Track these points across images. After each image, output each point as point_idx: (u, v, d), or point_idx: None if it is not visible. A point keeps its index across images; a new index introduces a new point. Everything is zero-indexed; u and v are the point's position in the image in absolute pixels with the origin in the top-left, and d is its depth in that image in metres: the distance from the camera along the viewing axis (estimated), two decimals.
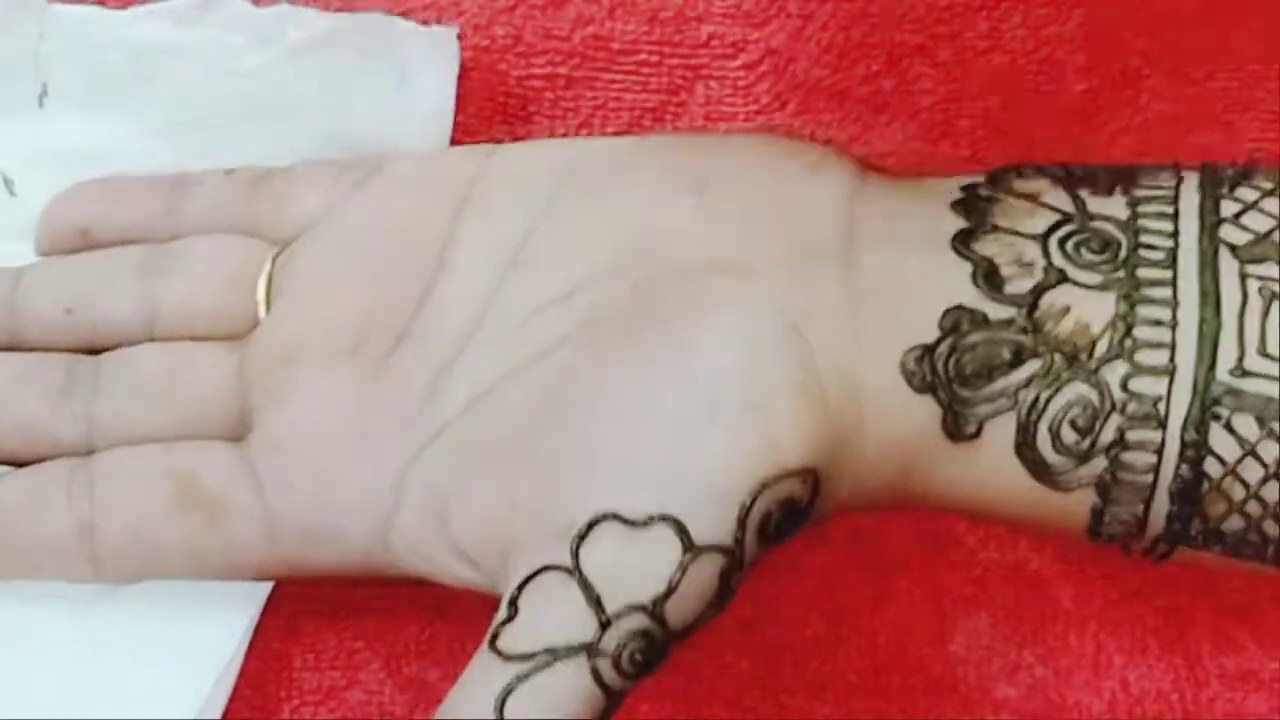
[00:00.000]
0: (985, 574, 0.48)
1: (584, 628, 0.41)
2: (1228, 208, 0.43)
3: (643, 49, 0.53)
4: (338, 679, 0.47)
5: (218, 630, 0.46)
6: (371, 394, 0.45)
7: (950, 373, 0.43)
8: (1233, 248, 0.42)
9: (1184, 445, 0.42)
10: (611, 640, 0.41)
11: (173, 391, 0.47)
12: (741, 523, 0.41)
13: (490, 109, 0.53)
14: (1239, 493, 0.42)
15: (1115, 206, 0.44)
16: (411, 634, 0.48)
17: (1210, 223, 0.43)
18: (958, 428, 0.43)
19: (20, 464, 0.47)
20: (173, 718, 0.45)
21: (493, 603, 0.42)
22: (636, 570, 0.41)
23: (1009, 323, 0.42)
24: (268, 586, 0.47)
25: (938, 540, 0.48)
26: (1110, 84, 0.53)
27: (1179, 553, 0.44)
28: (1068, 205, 0.44)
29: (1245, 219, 0.43)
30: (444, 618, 0.48)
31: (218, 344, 0.48)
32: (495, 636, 0.41)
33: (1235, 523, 0.42)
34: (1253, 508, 0.42)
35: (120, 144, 0.51)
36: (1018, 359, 0.42)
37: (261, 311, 0.48)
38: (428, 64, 0.51)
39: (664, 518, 0.41)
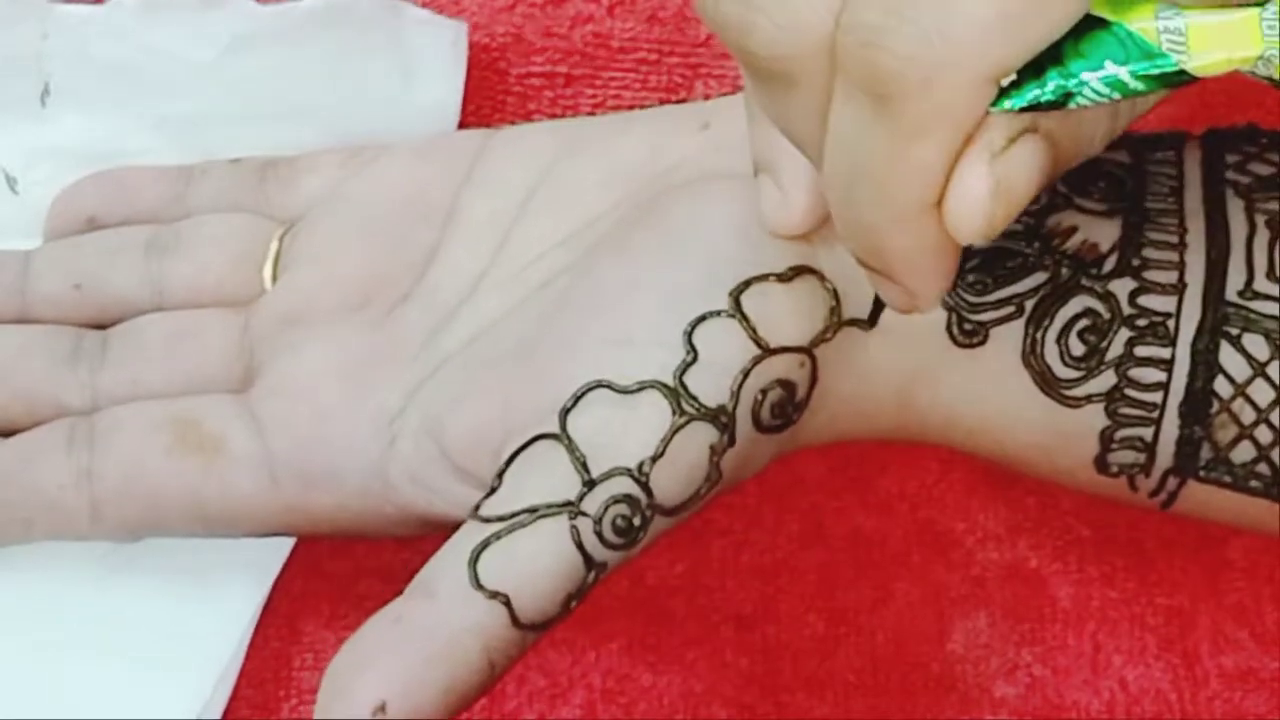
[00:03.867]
0: (984, 573, 0.48)
1: (568, 489, 0.41)
2: (1231, 158, 0.44)
3: (642, 47, 0.53)
4: None
5: (218, 630, 0.47)
6: (373, 342, 0.46)
7: (955, 276, 0.43)
8: (1236, 186, 0.43)
9: (1194, 362, 0.42)
10: (594, 502, 0.41)
11: (177, 353, 0.47)
12: (734, 395, 0.42)
13: (490, 107, 0.53)
14: (1249, 415, 0.42)
15: (1119, 154, 0.44)
16: None
17: (1214, 166, 0.44)
18: (963, 333, 0.43)
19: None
20: (175, 718, 0.45)
21: None
22: (624, 434, 0.41)
23: (1015, 234, 0.43)
24: (269, 583, 0.47)
25: (937, 540, 0.48)
26: None
27: (1185, 496, 0.44)
28: None
29: (1249, 166, 0.43)
30: None
31: (223, 309, 0.48)
32: (478, 507, 0.41)
33: (1244, 451, 0.42)
34: (1262, 434, 0.42)
35: (123, 141, 0.52)
36: (1024, 268, 0.43)
37: (268, 288, 0.48)
38: (436, 59, 0.51)
39: (655, 384, 0.41)
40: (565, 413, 0.41)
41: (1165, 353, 0.42)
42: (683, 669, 0.47)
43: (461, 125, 0.52)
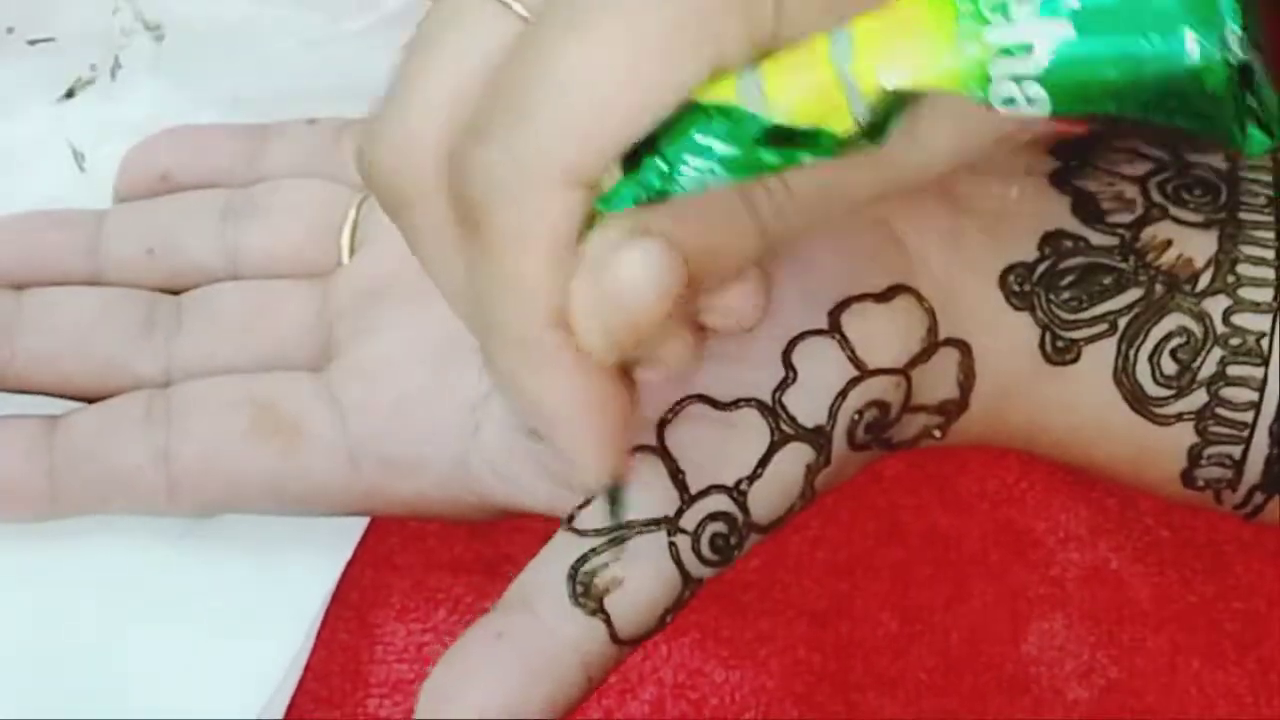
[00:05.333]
0: (1063, 574, 0.48)
1: (665, 504, 0.41)
2: None
3: None
4: (405, 672, 0.47)
5: (291, 609, 0.46)
6: (455, 325, 0.45)
7: (1049, 293, 0.43)
8: None
9: None
10: (693, 519, 0.40)
11: (254, 327, 0.47)
12: (832, 415, 0.41)
13: None
14: None
15: (1213, 159, 0.44)
16: None
17: None
18: (1055, 350, 0.43)
19: (98, 400, 0.47)
20: (236, 718, 0.45)
21: None
22: (722, 452, 0.41)
23: (1110, 250, 0.42)
24: (336, 574, 0.47)
25: (1017, 540, 0.48)
26: None
27: (1271, 508, 0.44)
28: (1166, 156, 0.44)
29: None
30: None
31: (299, 281, 0.48)
32: (572, 518, 0.41)
33: None
34: None
35: (193, 117, 0.51)
36: (1118, 285, 0.42)
37: (345, 257, 0.48)
38: None
39: (753, 402, 0.41)
40: (663, 425, 0.41)
41: (1258, 373, 0.42)
42: (755, 665, 0.47)
43: None
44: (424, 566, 0.48)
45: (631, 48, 0.32)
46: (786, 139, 0.32)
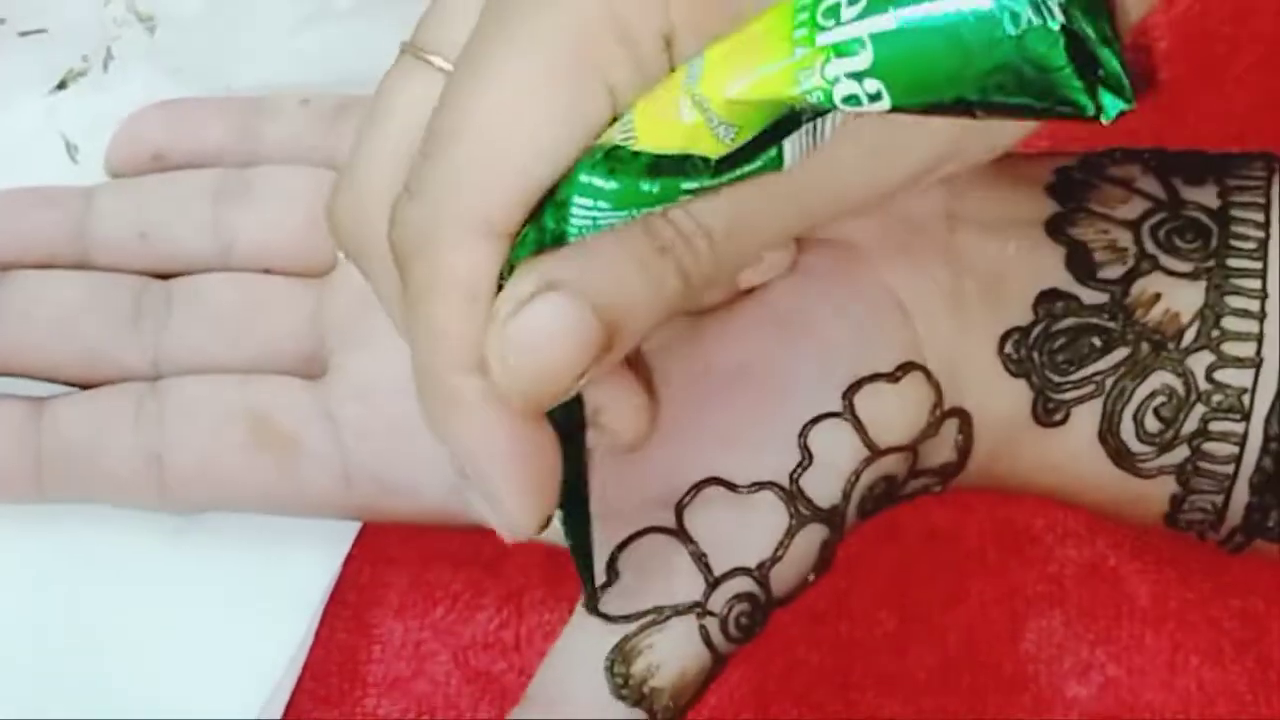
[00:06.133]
0: (1061, 571, 0.48)
1: (691, 588, 0.41)
2: None
3: None
4: (404, 670, 0.46)
5: (285, 619, 0.46)
6: None
7: (1043, 357, 0.43)
8: None
9: (1267, 438, 0.42)
10: (719, 600, 0.41)
11: (246, 327, 0.46)
12: (846, 495, 0.42)
13: None
14: None
15: (1207, 195, 0.44)
16: (479, 625, 0.47)
17: None
18: (1047, 414, 0.43)
19: (84, 388, 0.46)
20: (236, 718, 0.45)
21: (564, 593, 0.42)
22: (743, 535, 0.41)
23: (1100, 308, 0.43)
24: (335, 570, 0.47)
25: (1015, 538, 0.48)
26: (1195, 71, 0.52)
27: (1255, 545, 0.44)
28: (1160, 192, 0.44)
29: None
30: (512, 609, 0.47)
31: (295, 281, 0.47)
32: (594, 599, 0.41)
33: None
34: None
35: None
36: (1106, 346, 0.43)
37: (341, 255, 0.47)
38: None
39: (771, 486, 0.41)
40: (681, 508, 0.42)
41: (1239, 428, 0.42)
42: (754, 664, 0.47)
43: None
44: (421, 562, 0.47)
45: (523, 94, 0.34)
46: (664, 169, 0.33)
